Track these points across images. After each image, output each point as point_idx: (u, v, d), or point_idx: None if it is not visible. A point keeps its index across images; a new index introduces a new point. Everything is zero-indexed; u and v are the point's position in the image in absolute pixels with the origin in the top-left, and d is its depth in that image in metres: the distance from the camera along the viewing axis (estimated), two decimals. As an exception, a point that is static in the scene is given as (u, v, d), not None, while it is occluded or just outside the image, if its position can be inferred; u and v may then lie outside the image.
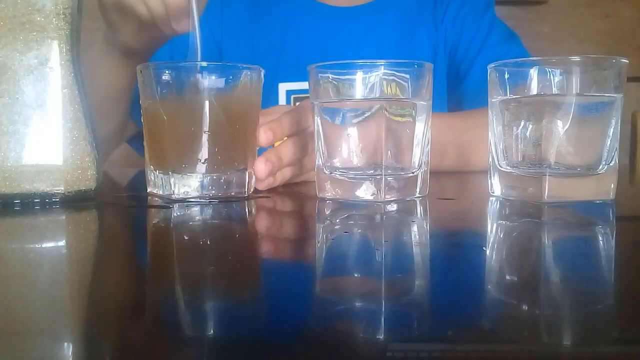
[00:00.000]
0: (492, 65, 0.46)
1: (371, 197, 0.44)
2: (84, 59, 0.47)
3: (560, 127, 0.42)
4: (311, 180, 0.54)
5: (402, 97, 0.45)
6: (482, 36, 0.85)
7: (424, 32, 0.87)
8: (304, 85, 0.82)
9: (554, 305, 0.22)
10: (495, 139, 0.47)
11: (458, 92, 0.87)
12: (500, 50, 0.83)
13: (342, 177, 0.45)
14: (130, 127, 0.83)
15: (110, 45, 0.67)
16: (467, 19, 0.87)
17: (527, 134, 0.44)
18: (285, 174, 0.54)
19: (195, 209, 0.43)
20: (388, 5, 0.88)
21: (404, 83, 0.44)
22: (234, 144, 0.48)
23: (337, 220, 0.40)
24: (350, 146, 0.45)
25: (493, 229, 0.38)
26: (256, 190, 0.51)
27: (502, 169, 0.46)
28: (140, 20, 0.60)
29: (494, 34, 0.86)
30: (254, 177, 0.50)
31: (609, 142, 0.44)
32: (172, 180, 0.46)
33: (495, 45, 0.84)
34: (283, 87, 0.85)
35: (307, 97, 0.75)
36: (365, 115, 0.45)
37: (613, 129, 0.43)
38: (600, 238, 0.35)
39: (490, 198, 0.47)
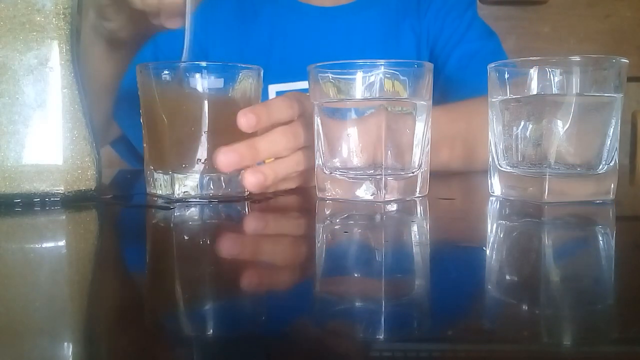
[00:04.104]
0: (492, 65, 0.46)
1: (371, 197, 0.44)
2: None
3: (560, 127, 0.42)
4: (309, 185, 0.52)
5: (402, 97, 0.45)
6: (461, 31, 0.87)
7: (408, 26, 0.88)
8: (293, 86, 0.82)
9: (554, 305, 0.22)
10: (495, 139, 0.47)
11: (437, 85, 0.87)
12: (477, 44, 0.85)
13: (342, 177, 0.45)
14: (113, 130, 0.82)
15: (97, 34, 0.66)
16: (449, 15, 0.88)
17: (527, 134, 0.44)
18: (277, 172, 0.48)
19: (195, 209, 0.43)
20: (372, 2, 0.89)
21: (404, 83, 0.44)
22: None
23: (337, 220, 0.40)
24: (350, 146, 0.45)
25: (493, 229, 0.38)
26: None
27: (502, 169, 0.46)
28: (131, 9, 0.59)
29: (473, 30, 0.88)
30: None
31: (609, 142, 0.44)
32: (172, 180, 0.46)
33: (473, 40, 0.86)
34: (273, 89, 0.85)
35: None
36: (365, 115, 0.45)
37: (613, 129, 0.43)
38: (600, 238, 0.35)
39: (490, 198, 0.47)
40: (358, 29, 0.88)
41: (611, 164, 0.44)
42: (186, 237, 0.36)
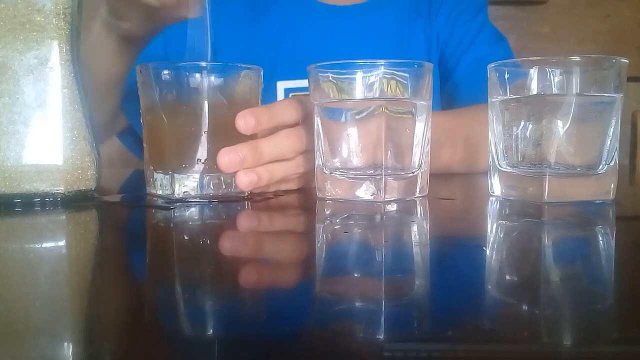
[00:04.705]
0: (492, 65, 0.46)
1: (371, 197, 0.44)
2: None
3: (560, 127, 0.42)
4: (310, 186, 0.52)
5: (402, 97, 0.45)
6: (472, 35, 0.87)
7: (420, 27, 0.88)
8: (302, 83, 0.82)
9: (554, 305, 0.22)
10: (495, 139, 0.47)
11: (446, 89, 0.88)
12: (487, 49, 0.84)
13: (342, 177, 0.45)
14: (120, 120, 0.82)
15: (109, 31, 0.66)
16: (460, 18, 0.88)
17: (527, 134, 0.44)
18: (274, 174, 0.48)
19: (195, 209, 0.43)
20: (386, 3, 0.89)
21: (404, 82, 0.44)
22: (233, 144, 0.48)
23: (337, 220, 0.40)
24: (350, 146, 0.45)
25: (493, 229, 0.38)
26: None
27: (502, 169, 0.46)
28: (147, 8, 0.59)
29: (484, 34, 0.87)
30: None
31: (609, 142, 0.44)
32: (172, 180, 0.46)
33: (484, 45, 0.86)
34: (281, 85, 0.85)
35: (306, 95, 0.72)
36: (366, 115, 0.45)
37: (613, 129, 0.43)
38: (600, 238, 0.35)
39: (490, 198, 0.47)
40: (370, 29, 0.87)
41: (611, 164, 0.44)
42: (186, 237, 0.36)
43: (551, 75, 0.43)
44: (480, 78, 0.81)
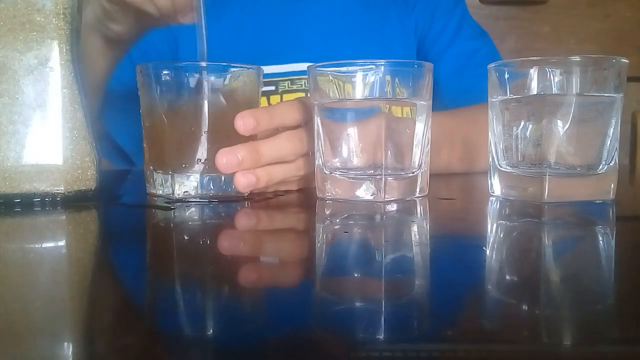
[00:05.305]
0: (492, 65, 0.46)
1: (371, 197, 0.44)
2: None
3: (560, 127, 0.42)
4: (310, 187, 0.52)
5: (402, 97, 0.45)
6: (453, 28, 0.84)
7: (395, 16, 0.85)
8: (264, 70, 0.80)
9: (554, 305, 0.22)
10: (495, 139, 0.47)
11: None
12: (473, 44, 0.83)
13: (342, 177, 0.45)
14: (99, 130, 0.81)
15: (93, 32, 0.64)
16: (438, 9, 0.85)
17: (527, 134, 0.44)
18: (273, 175, 0.48)
19: (195, 209, 0.43)
20: None
21: (404, 82, 0.44)
22: (233, 144, 0.48)
23: (337, 220, 0.40)
24: (350, 146, 0.45)
25: (493, 229, 0.38)
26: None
27: (502, 169, 0.46)
28: (140, 13, 0.59)
29: (466, 28, 0.85)
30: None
31: (609, 142, 0.44)
32: (172, 180, 0.46)
33: (468, 39, 0.84)
34: None
35: (267, 81, 0.70)
36: (366, 115, 0.45)
37: (613, 129, 0.43)
38: (600, 238, 0.35)
39: (490, 198, 0.47)
40: (335, 15, 0.84)
41: (611, 164, 0.44)
42: (186, 237, 0.36)
43: (551, 75, 0.43)
44: (470, 76, 0.79)
